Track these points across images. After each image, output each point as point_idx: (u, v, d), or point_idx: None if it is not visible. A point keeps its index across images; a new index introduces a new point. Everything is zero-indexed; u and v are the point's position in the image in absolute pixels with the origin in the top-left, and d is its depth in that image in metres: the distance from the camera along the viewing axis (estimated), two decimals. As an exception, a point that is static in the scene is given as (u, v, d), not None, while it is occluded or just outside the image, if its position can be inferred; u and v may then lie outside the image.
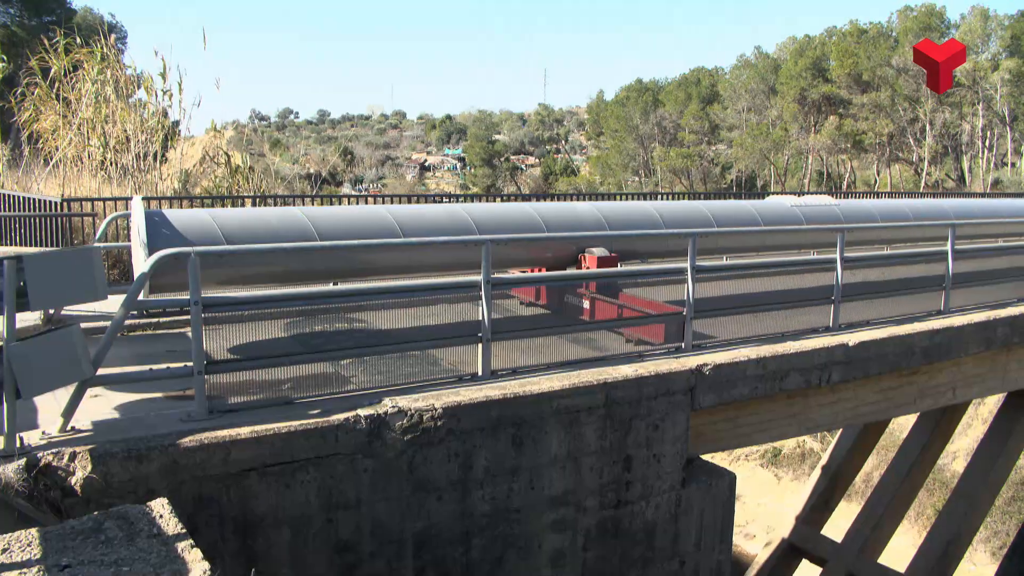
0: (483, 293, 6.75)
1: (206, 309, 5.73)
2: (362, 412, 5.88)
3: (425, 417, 6.07)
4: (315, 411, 5.86)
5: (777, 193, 34.34)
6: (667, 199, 24.44)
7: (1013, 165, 58.82)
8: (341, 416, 5.79)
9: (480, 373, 6.84)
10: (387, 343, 6.77)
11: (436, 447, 6.15)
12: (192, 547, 3.85)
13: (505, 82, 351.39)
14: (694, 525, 7.81)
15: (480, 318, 6.80)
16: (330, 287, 7.82)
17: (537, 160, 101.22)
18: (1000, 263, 12.59)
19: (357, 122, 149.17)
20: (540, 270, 9.46)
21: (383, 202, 17.59)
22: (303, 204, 14.99)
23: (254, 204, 15.77)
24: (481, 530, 6.49)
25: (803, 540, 16.48)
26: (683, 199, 23.17)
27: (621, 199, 24.55)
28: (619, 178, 72.10)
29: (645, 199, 20.49)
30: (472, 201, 17.99)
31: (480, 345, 6.84)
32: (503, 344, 7.22)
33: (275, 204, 15.47)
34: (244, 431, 5.43)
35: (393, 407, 6.01)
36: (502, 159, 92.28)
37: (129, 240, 9.12)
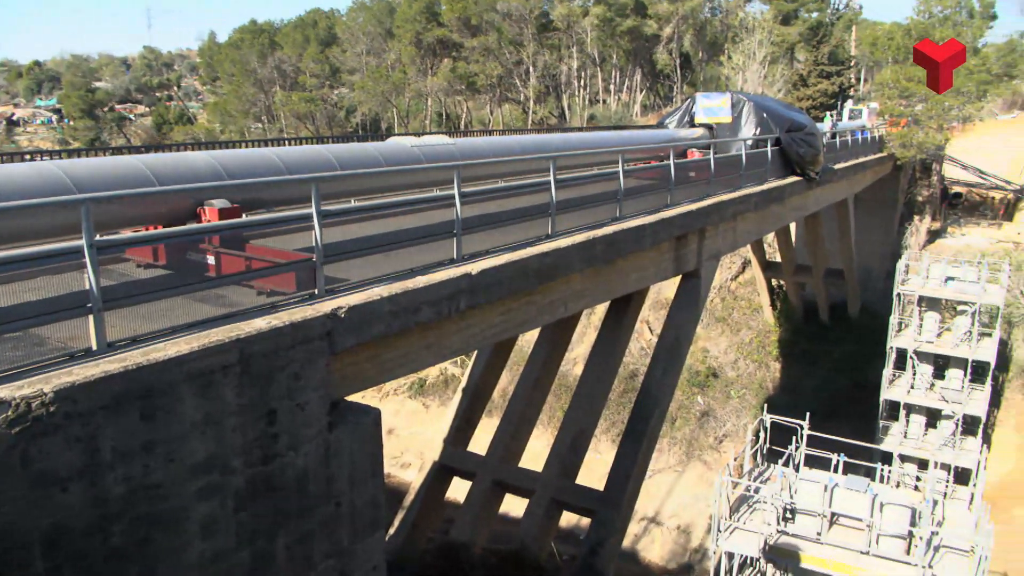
0: (88, 258, 6.11)
1: None
2: (-50, 410, 5.08)
3: (34, 405, 5.42)
4: None
5: (400, 134, 35.23)
6: (293, 145, 23.89)
7: (604, 102, 66.55)
8: (-79, 419, 4.96)
9: (95, 347, 6.23)
10: (-26, 327, 5.89)
11: (52, 436, 5.54)
12: None
13: (102, 22, 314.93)
14: (345, 465, 7.97)
15: (88, 286, 6.18)
16: None
17: (148, 109, 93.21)
18: (596, 189, 14.23)
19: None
20: (157, 228, 8.79)
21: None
22: None
23: None
24: (119, 514, 6.03)
25: (452, 459, 17.66)
26: (310, 144, 22.83)
27: (244, 147, 23.51)
28: (241, 125, 69.10)
29: (269, 146, 19.82)
30: (72, 157, 15.97)
31: (91, 317, 6.23)
32: (120, 312, 6.66)
33: None
34: None
35: (-10, 399, 5.27)
36: (106, 109, 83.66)
37: None
